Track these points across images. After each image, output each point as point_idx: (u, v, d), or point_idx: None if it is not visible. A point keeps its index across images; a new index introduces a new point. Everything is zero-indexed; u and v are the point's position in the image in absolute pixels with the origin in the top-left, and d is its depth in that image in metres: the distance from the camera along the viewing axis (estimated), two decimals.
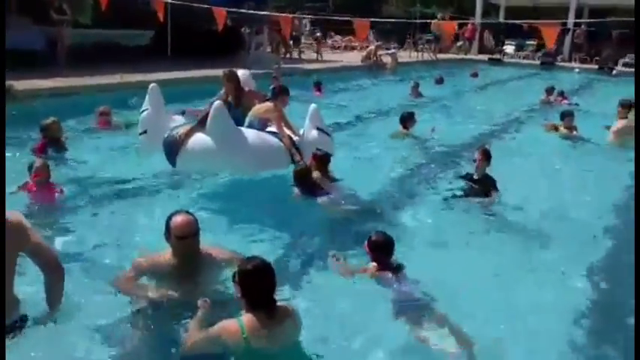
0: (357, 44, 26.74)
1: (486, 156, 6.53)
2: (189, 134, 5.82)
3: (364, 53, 21.30)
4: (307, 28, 25.36)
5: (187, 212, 3.71)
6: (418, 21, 23.05)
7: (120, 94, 11.57)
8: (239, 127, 5.99)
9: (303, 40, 23.87)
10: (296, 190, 6.08)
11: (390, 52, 21.61)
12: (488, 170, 6.53)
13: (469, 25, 28.14)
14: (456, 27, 21.33)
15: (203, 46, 17.03)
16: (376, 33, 25.93)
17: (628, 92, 10.69)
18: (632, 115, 9.52)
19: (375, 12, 29.77)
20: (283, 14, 17.42)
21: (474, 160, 6.58)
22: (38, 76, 11.91)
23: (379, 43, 23.03)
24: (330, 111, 12.30)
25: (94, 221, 5.55)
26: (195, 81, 13.75)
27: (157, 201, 6.21)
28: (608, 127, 9.86)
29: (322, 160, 6.31)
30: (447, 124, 11.03)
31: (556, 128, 10.15)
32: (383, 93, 15.46)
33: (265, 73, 15.94)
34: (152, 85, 6.30)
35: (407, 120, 9.53)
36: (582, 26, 23.10)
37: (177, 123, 6.26)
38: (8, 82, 10.17)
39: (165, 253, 3.73)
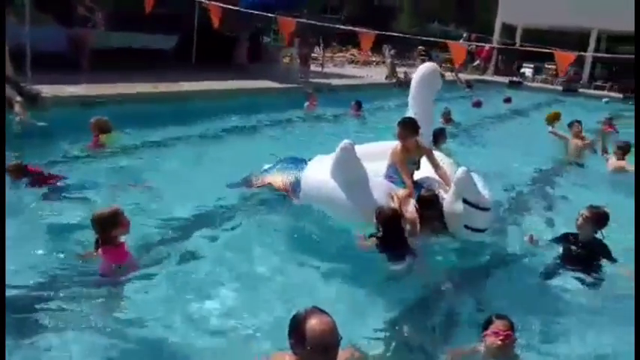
0: (374, 59, 26.06)
1: (595, 217, 5.29)
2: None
3: (387, 70, 20.53)
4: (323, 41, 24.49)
5: (321, 310, 2.71)
6: (460, 42, 22.01)
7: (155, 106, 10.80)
8: (367, 175, 5.26)
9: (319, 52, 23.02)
10: (372, 238, 4.96)
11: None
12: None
13: (486, 46, 27.59)
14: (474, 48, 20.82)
15: (226, 55, 16.25)
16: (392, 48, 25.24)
17: None
18: (629, 158, 9.25)
19: (387, 26, 29.18)
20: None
21: (582, 217, 5.32)
22: (64, 82, 10.92)
23: (393, 58, 22.23)
24: (372, 133, 11.59)
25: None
26: (229, 94, 12.87)
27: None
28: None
29: (425, 204, 5.21)
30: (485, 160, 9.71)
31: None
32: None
33: (295, 88, 15.24)
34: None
35: (437, 137, 8.98)
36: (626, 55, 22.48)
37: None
38: (35, 88, 9.26)
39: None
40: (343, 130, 11.73)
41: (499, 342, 3.49)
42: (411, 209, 5.22)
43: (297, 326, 2.66)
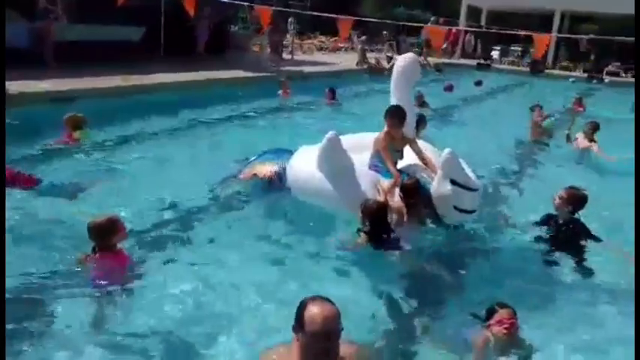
0: (342, 45, 25.95)
1: (571, 198, 5.30)
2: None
3: (358, 56, 20.47)
4: (292, 28, 24.19)
5: (326, 299, 2.74)
6: (422, 25, 22.14)
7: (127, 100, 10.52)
8: (353, 166, 5.27)
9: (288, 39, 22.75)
10: (362, 235, 4.86)
11: (388, 55, 20.87)
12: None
13: (453, 29, 27.74)
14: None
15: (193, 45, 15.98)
16: (361, 34, 25.14)
17: None
18: (596, 138, 9.49)
19: (351, 13, 29.02)
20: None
21: (558, 197, 5.36)
22: (29, 77, 10.51)
23: (363, 44, 22.14)
24: (348, 121, 11.52)
25: None
26: (201, 84, 12.63)
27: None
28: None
29: (409, 192, 5.14)
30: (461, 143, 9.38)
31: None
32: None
33: (267, 77, 15.06)
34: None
35: (418, 123, 9.03)
36: (589, 35, 22.92)
37: None
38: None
39: (288, 351, 2.76)
40: (318, 117, 11.68)
41: (505, 331, 3.51)
42: (396, 199, 5.22)
43: (299, 311, 2.67)
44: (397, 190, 5.24)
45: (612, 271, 5.05)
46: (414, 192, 5.15)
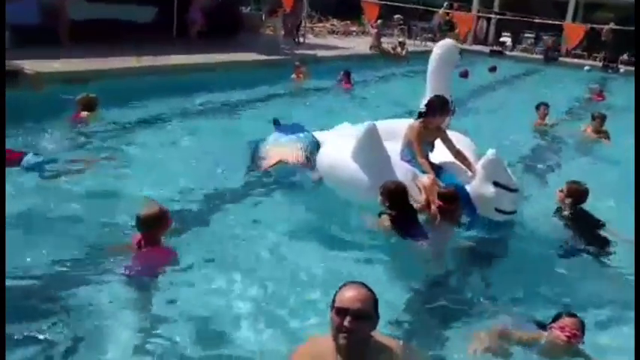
0: (354, 29, 25.64)
1: (570, 192, 5.43)
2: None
3: (372, 41, 20.15)
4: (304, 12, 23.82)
5: (364, 284, 2.71)
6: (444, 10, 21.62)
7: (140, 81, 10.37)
8: (390, 158, 5.16)
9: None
10: (384, 217, 4.75)
11: (400, 40, 20.58)
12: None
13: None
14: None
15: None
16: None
17: None
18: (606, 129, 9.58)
19: None
20: None
21: (561, 192, 5.53)
22: (41, 57, 10.32)
23: (378, 28, 21.81)
24: (364, 105, 11.39)
25: None
26: (214, 67, 12.50)
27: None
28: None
29: (448, 199, 4.82)
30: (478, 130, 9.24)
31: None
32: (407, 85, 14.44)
33: (282, 60, 14.87)
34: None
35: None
36: (610, 23, 22.53)
37: None
38: (16, 64, 8.76)
39: (327, 338, 2.72)
40: (333, 102, 11.58)
41: (564, 338, 3.41)
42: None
43: (336, 292, 2.67)
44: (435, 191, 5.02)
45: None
46: (454, 200, 4.88)
